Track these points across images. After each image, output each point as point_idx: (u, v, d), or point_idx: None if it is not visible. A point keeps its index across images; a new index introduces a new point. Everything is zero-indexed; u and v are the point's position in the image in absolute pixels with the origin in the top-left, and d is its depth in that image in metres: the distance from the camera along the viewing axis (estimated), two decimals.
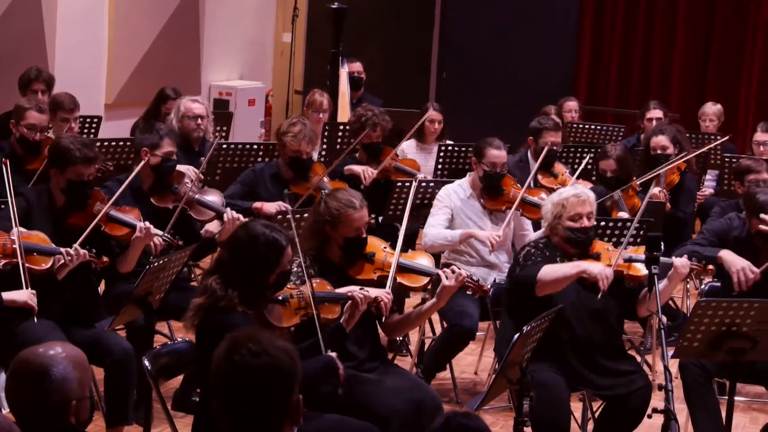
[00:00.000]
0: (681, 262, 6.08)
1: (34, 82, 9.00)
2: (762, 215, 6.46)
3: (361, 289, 5.50)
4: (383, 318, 5.72)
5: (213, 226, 7.18)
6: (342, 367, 5.16)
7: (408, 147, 9.41)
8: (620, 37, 15.15)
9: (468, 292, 6.07)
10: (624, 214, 7.88)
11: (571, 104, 11.79)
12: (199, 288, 5.20)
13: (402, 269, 5.94)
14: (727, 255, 6.54)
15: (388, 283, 5.77)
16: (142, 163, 6.84)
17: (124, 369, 6.04)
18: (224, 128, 10.22)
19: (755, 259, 6.49)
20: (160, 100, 9.37)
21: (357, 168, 8.45)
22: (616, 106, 15.06)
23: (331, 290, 5.51)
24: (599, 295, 5.96)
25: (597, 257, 6.23)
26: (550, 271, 6.00)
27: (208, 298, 5.00)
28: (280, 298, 5.24)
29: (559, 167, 8.70)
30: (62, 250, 5.95)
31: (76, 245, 5.98)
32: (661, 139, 8.84)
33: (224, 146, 8.61)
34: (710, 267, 6.26)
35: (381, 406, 5.37)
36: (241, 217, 6.87)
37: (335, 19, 11.26)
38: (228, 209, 6.99)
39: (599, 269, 5.98)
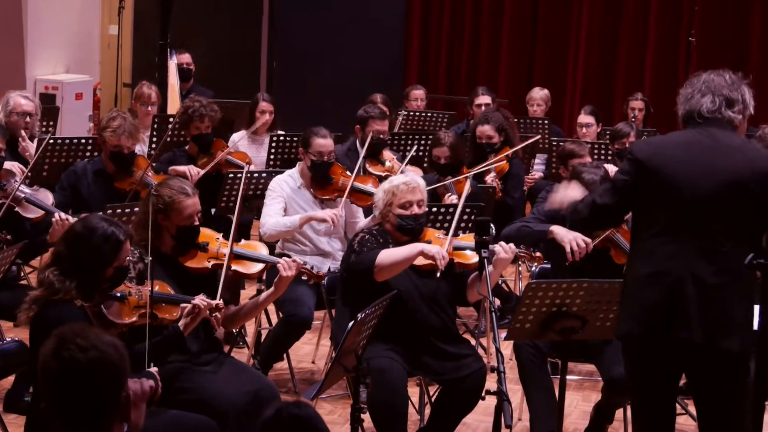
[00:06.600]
0: (503, 248, 6.12)
1: None
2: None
3: (202, 297, 5.45)
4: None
5: None
6: (160, 385, 5.01)
7: (239, 138, 9.36)
8: (448, 23, 15.28)
9: (303, 278, 6.08)
10: (453, 198, 7.94)
11: (418, 93, 11.84)
12: (36, 280, 5.10)
13: (236, 256, 5.93)
14: (557, 229, 6.63)
15: (222, 272, 5.73)
16: None
17: None
18: (51, 123, 10.03)
19: None
20: None
21: (181, 168, 8.28)
22: (446, 92, 15.19)
23: (172, 292, 5.45)
24: (438, 274, 6.02)
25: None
26: (389, 254, 6.05)
27: (45, 291, 4.92)
28: (119, 294, 5.16)
29: (388, 154, 8.74)
30: None
31: None
32: (487, 129, 8.89)
33: (51, 141, 8.45)
34: (538, 254, 6.36)
35: (217, 400, 5.34)
36: (70, 218, 6.73)
37: (162, 10, 11.13)
38: (58, 211, 6.84)
39: (437, 249, 6.05)
